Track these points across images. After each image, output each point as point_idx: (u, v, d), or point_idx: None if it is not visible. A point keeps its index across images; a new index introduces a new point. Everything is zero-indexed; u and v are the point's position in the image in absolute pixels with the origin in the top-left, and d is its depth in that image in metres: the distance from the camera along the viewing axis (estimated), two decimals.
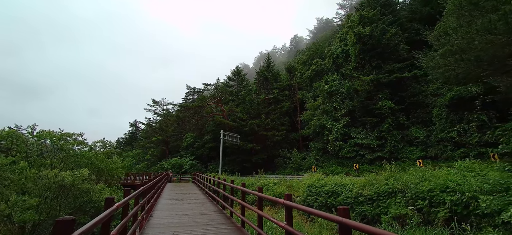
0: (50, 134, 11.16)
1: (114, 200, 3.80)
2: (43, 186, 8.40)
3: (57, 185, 8.53)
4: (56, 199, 8.67)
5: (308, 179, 17.77)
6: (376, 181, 12.83)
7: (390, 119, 27.93)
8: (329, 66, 43.89)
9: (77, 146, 12.12)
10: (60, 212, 8.64)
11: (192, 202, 11.53)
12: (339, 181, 14.73)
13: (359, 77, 30.94)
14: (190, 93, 57.25)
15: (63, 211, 8.68)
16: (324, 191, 14.49)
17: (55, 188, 8.56)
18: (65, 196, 8.95)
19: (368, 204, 12.19)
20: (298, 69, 56.25)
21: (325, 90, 35.96)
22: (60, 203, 8.74)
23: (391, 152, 27.52)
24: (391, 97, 29.53)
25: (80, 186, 8.97)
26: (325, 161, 34.06)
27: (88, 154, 11.90)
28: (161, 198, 12.64)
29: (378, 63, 31.85)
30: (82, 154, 11.66)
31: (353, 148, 30.52)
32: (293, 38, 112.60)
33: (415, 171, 12.68)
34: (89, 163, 11.55)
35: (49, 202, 8.50)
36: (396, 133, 27.69)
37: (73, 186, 8.87)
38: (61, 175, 8.58)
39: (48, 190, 8.51)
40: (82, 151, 11.99)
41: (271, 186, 19.31)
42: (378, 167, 27.82)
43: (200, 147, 44.38)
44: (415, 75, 29.09)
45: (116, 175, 13.91)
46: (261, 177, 23.22)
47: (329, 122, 33.49)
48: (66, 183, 8.61)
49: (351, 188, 13.49)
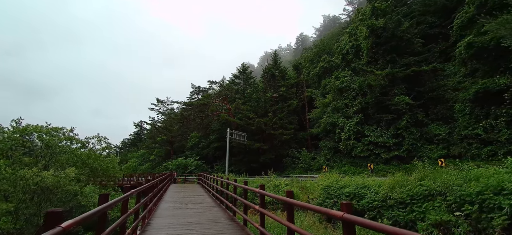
0: (36, 129, 9.86)
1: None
2: (22, 189, 7.09)
3: (37, 187, 7.20)
4: (38, 204, 7.32)
5: (324, 180, 16.22)
6: (407, 182, 11.21)
7: (407, 115, 26.11)
8: (338, 62, 42.28)
9: (66, 142, 10.79)
10: (41, 219, 7.33)
11: (197, 206, 10.09)
12: (361, 182, 13.14)
13: (373, 72, 29.19)
14: (195, 92, 56.05)
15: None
16: (345, 193, 12.91)
17: (35, 190, 7.23)
18: (48, 200, 7.62)
19: (400, 209, 10.57)
20: (305, 67, 54.68)
21: (336, 87, 34.26)
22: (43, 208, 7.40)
23: (409, 150, 25.70)
24: (407, 93, 27.71)
25: (66, 188, 7.63)
26: (337, 161, 32.35)
27: (78, 152, 10.54)
28: (163, 201, 11.23)
29: (392, 57, 30.07)
30: (71, 152, 10.30)
31: (367, 147, 28.76)
32: (299, 36, 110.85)
33: (457, 171, 10.98)
34: (80, 161, 10.21)
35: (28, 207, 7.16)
36: (414, 130, 25.86)
37: (57, 188, 7.54)
38: (42, 175, 7.25)
39: (27, 193, 7.17)
40: (72, 149, 10.61)
41: (283, 187, 17.81)
42: (395, 167, 26.09)
43: (205, 147, 43.08)
44: (434, 69, 27.26)
45: (113, 176, 12.53)
46: (271, 177, 21.70)
47: (340, 119, 31.78)
48: (49, 185, 7.28)
49: (377, 190, 11.89)
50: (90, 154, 11.06)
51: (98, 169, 11.09)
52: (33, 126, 10.03)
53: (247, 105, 40.60)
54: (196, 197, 12.94)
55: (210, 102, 40.56)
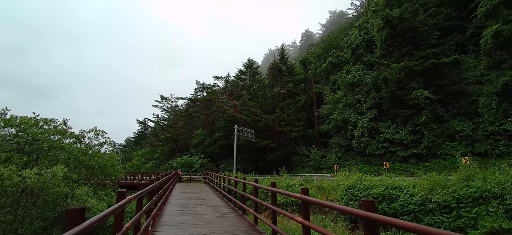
0: (22, 121, 8.56)
1: None
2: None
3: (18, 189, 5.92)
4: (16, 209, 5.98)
5: (343, 179, 14.79)
6: (449, 183, 9.73)
7: (427, 110, 24.47)
8: (348, 57, 40.79)
9: (58, 136, 9.46)
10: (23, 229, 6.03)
11: (209, 210, 8.74)
12: (390, 183, 11.68)
13: (388, 65, 27.56)
14: (199, 88, 54.79)
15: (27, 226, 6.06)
16: (372, 195, 11.46)
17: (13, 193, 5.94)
18: (33, 204, 6.32)
19: (444, 214, 9.10)
20: (312, 62, 53.13)
21: (347, 81, 32.67)
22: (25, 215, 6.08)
23: (428, 148, 24.09)
24: (425, 87, 26.05)
25: (54, 190, 6.31)
26: (349, 159, 30.83)
27: (70, 147, 9.17)
28: (169, 204, 9.90)
29: (409, 49, 28.43)
30: (62, 147, 8.92)
31: (382, 144, 27.20)
32: (304, 33, 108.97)
33: None
34: (73, 158, 8.89)
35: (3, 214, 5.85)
36: (434, 126, 24.22)
37: (43, 190, 6.24)
38: (23, 174, 5.95)
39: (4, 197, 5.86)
40: (64, 144, 9.23)
41: (297, 188, 16.41)
42: (413, 165, 24.54)
43: (210, 145, 41.79)
44: (455, 61, 25.54)
45: (112, 175, 11.20)
46: (282, 176, 20.28)
47: (353, 116, 30.22)
48: (31, 186, 5.99)
49: (412, 192, 10.42)
50: (85, 150, 9.73)
51: (94, 168, 9.77)
52: (20, 118, 8.72)
53: (254, 101, 39.19)
54: (206, 199, 11.59)
55: (216, 98, 39.17)
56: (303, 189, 4.24)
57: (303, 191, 4.20)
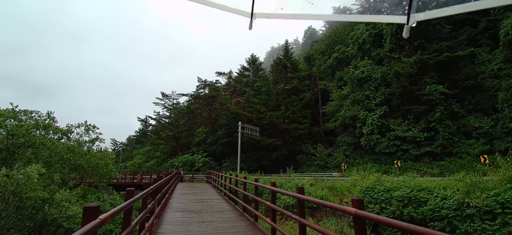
0: None
1: None
2: None
3: None
4: None
5: (359, 179, 13.61)
6: (487, 184, 8.53)
7: (442, 106, 23.19)
8: (354, 53, 39.66)
9: (41, 131, 8.29)
10: None
11: (215, 216, 7.60)
12: (416, 183, 10.48)
13: (400, 59, 26.27)
14: (201, 86, 53.60)
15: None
16: (396, 198, 10.27)
17: None
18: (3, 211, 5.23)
19: (486, 221, 7.89)
20: (317, 59, 51.91)
21: (355, 77, 31.39)
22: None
23: (443, 146, 22.82)
24: (439, 81, 24.75)
25: (26, 195, 5.19)
26: (357, 158, 29.61)
27: (52, 143, 7.87)
28: (169, 209, 8.77)
29: (421, 43, 27.12)
30: (42, 143, 7.67)
31: (393, 142, 25.96)
32: (307, 30, 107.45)
33: None
34: (56, 157, 7.69)
35: None
36: (450, 123, 22.94)
37: (16, 195, 5.14)
38: None
39: None
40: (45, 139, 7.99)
41: (308, 188, 15.24)
42: (427, 164, 23.30)
43: (213, 143, 40.69)
44: (471, 54, 24.21)
45: (106, 175, 10.00)
46: (290, 176, 19.11)
47: (361, 112, 28.96)
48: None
49: (444, 194, 9.21)
50: (73, 147, 8.51)
51: (84, 167, 8.58)
52: None
53: (258, 98, 37.99)
54: (211, 202, 10.45)
55: (218, 95, 37.99)
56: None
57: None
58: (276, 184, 5.82)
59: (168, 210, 8.42)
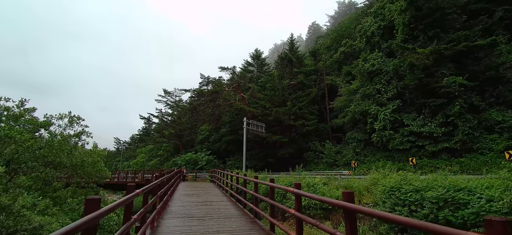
0: None
1: None
2: None
3: None
4: None
5: (383, 178, 12.26)
6: None
7: (461, 99, 21.67)
8: (362, 46, 38.22)
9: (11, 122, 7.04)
10: None
11: (222, 223, 6.36)
12: (451, 183, 9.12)
13: (414, 50, 24.74)
14: (204, 83, 52.41)
15: None
16: (429, 199, 8.93)
17: None
18: None
19: None
20: (323, 53, 50.43)
21: (365, 70, 29.92)
22: None
23: (463, 142, 21.33)
24: (457, 73, 23.19)
25: None
26: (368, 155, 28.22)
27: (20, 137, 6.46)
28: (168, 213, 7.52)
29: (436, 33, 25.55)
30: (7, 135, 6.32)
31: (407, 138, 24.50)
32: (311, 25, 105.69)
33: None
34: (27, 153, 6.41)
35: None
36: (470, 117, 21.42)
37: None
38: None
39: None
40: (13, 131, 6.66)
41: (321, 188, 13.95)
42: (445, 161, 21.83)
43: (216, 141, 39.53)
44: (493, 43, 22.60)
45: (94, 174, 8.71)
46: (301, 175, 17.80)
47: (372, 107, 27.49)
48: None
49: (489, 195, 7.86)
50: (51, 141, 7.18)
51: (66, 165, 7.30)
52: None
53: (263, 94, 36.67)
54: (216, 205, 9.20)
55: (222, 90, 36.71)
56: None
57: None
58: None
59: (166, 215, 7.18)
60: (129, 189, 4.11)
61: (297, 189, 4.32)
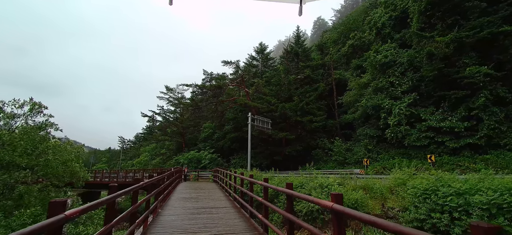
0: None
1: None
2: None
3: None
4: None
5: (409, 178, 10.64)
6: None
7: (486, 91, 19.79)
8: (371, 38, 36.49)
9: None
10: None
11: None
12: (503, 184, 7.45)
13: (432, 38, 22.87)
14: (207, 79, 51.01)
15: None
16: (477, 205, 7.29)
17: None
18: None
19: None
20: (330, 47, 48.63)
21: (377, 62, 28.06)
22: None
23: (489, 137, 19.49)
24: (481, 63, 21.26)
25: None
26: (381, 152, 26.49)
27: None
28: (156, 227, 6.03)
29: (455, 20, 23.56)
30: None
31: (425, 134, 22.69)
32: (317, 20, 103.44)
33: None
34: None
35: None
36: (496, 110, 19.55)
37: None
38: None
39: None
40: None
41: (336, 189, 12.35)
42: (468, 158, 19.99)
43: (220, 139, 38.12)
44: None
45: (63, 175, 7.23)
46: (313, 174, 16.20)
47: (386, 101, 25.70)
48: None
49: None
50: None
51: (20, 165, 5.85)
52: None
53: (268, 89, 35.07)
54: (217, 215, 7.65)
55: (225, 85, 35.20)
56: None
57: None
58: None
59: (153, 229, 5.68)
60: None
61: (339, 206, 2.78)
